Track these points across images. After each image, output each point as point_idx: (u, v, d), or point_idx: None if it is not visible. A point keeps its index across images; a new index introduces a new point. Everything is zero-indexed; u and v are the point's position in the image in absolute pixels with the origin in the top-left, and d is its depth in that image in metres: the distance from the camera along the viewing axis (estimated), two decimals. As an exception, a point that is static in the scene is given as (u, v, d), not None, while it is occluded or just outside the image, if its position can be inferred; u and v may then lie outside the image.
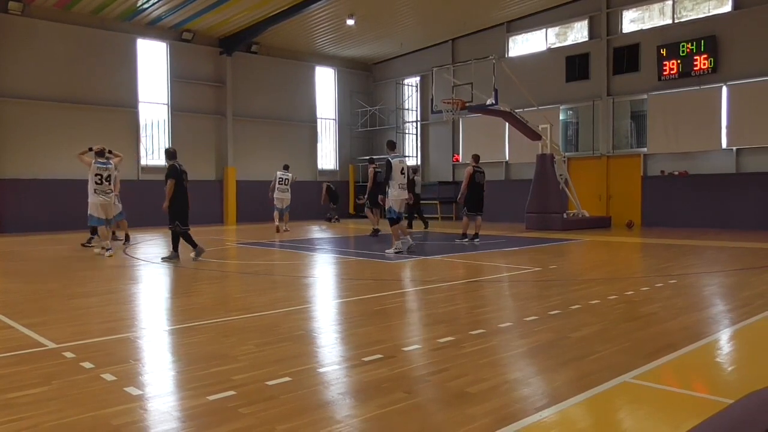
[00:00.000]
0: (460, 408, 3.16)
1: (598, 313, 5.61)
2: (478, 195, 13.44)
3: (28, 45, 18.18)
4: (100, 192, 11.15)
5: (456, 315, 5.78)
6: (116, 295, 7.10)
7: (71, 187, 18.93)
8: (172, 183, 10.02)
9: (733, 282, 7.59)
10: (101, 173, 11.19)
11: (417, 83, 25.45)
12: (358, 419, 3.04)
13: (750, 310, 5.68)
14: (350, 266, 9.92)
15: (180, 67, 21.39)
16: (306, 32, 22.33)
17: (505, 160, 22.09)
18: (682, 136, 17.76)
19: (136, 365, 4.09)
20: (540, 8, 20.68)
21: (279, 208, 17.32)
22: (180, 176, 10.15)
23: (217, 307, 6.24)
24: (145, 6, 18.78)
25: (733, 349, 4.61)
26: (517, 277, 8.28)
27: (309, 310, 6.24)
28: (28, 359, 4.19)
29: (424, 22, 21.75)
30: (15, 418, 3.05)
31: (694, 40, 17.33)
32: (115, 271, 9.25)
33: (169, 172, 10.10)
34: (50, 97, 18.62)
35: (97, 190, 11.14)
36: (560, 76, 20.45)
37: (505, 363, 4.07)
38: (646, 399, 3.38)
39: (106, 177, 11.25)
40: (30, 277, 8.69)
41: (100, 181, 11.17)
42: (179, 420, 3.05)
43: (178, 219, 10.12)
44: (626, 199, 19.06)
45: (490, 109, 16.68)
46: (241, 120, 22.76)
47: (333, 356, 4.33)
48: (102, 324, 5.40)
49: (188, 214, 10.31)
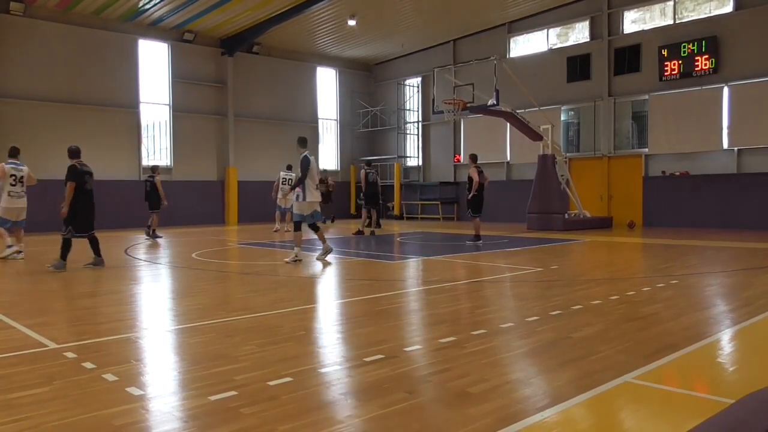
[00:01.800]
0: (462, 408, 3.16)
1: (599, 313, 5.61)
2: (482, 195, 13.44)
3: (29, 45, 18.21)
4: (14, 194, 10.55)
5: (457, 315, 5.78)
6: (117, 295, 7.10)
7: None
8: (71, 186, 9.03)
9: (734, 282, 7.58)
10: (15, 174, 10.58)
11: (418, 84, 25.46)
12: (360, 419, 3.04)
13: (751, 311, 5.67)
14: (351, 266, 9.92)
15: (181, 67, 21.41)
16: (307, 33, 22.34)
17: (507, 160, 22.09)
18: (683, 137, 17.75)
19: (138, 365, 4.10)
20: (541, 9, 20.68)
21: (282, 208, 17.34)
22: (82, 178, 9.14)
23: (219, 308, 6.24)
24: (147, 7, 18.80)
25: (735, 350, 4.61)
26: (518, 277, 8.28)
27: (310, 311, 6.24)
28: (29, 359, 4.19)
29: (425, 23, 21.75)
30: (16, 418, 3.05)
31: (696, 40, 17.33)
32: (116, 271, 9.25)
33: (68, 174, 9.12)
34: (51, 98, 18.64)
35: (11, 192, 10.51)
36: (561, 76, 20.45)
37: (507, 363, 4.07)
38: (648, 399, 3.38)
39: (20, 178, 10.63)
40: (31, 277, 8.69)
41: (15, 182, 10.56)
42: (181, 420, 3.05)
43: (73, 224, 9.13)
44: (627, 199, 19.05)
45: (491, 109, 16.69)
46: (243, 120, 22.78)
47: (334, 356, 4.33)
48: (103, 324, 5.40)
49: (92, 220, 9.36)
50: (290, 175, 17.67)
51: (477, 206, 13.41)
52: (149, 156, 20.96)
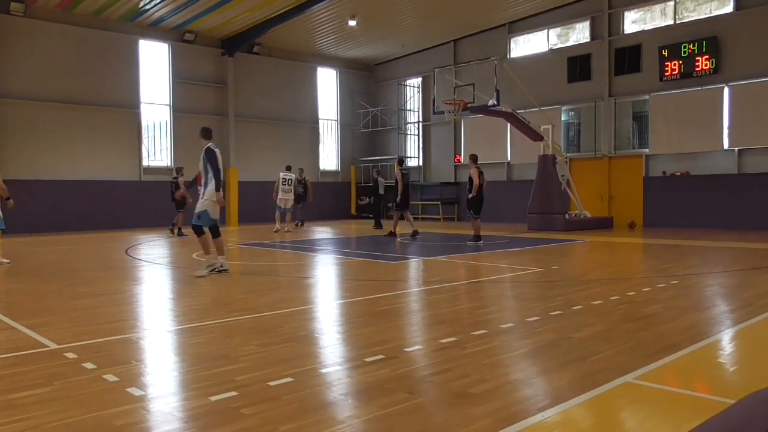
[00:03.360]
0: (462, 408, 3.16)
1: (600, 313, 5.61)
2: (482, 196, 13.45)
3: (30, 46, 18.21)
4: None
5: (458, 315, 5.78)
6: (118, 295, 7.10)
7: (72, 188, 19.00)
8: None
9: (734, 282, 7.58)
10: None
11: (419, 84, 25.46)
12: (361, 420, 3.04)
13: (752, 311, 5.67)
14: (352, 267, 9.92)
15: (182, 68, 21.42)
16: (308, 33, 22.34)
17: (507, 160, 22.09)
18: (683, 137, 17.75)
19: (138, 366, 4.10)
20: (542, 9, 20.68)
21: (282, 208, 17.36)
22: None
23: (220, 308, 6.24)
24: (147, 7, 18.81)
25: (735, 350, 4.61)
26: (519, 277, 8.28)
27: (311, 311, 6.24)
28: (30, 360, 4.19)
29: (425, 23, 21.76)
30: (17, 418, 3.05)
31: (696, 40, 17.32)
32: (117, 272, 9.26)
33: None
34: (52, 98, 18.65)
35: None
36: (562, 76, 20.45)
37: (508, 363, 4.07)
38: (648, 399, 3.38)
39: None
40: (31, 278, 8.70)
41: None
42: (181, 421, 3.05)
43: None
44: (628, 199, 19.05)
45: (491, 109, 16.69)
46: (243, 121, 22.78)
47: (335, 357, 4.33)
48: (104, 325, 5.40)
49: None
50: (290, 175, 17.69)
51: (478, 207, 13.43)
52: (149, 156, 20.96)
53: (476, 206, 13.41)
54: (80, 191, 19.06)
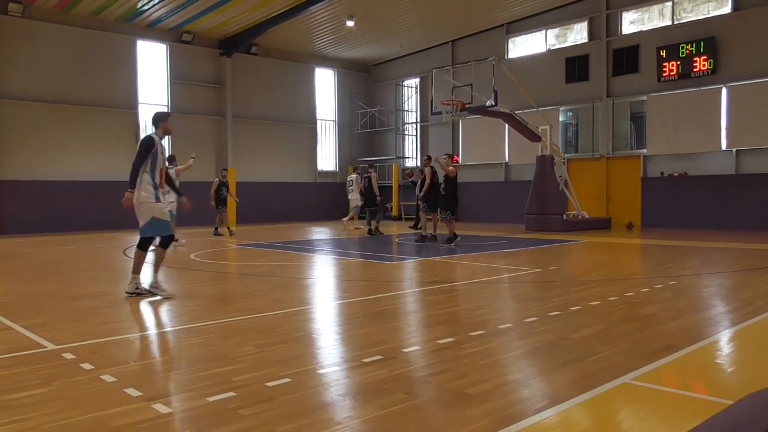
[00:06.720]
0: (461, 409, 3.16)
1: (598, 314, 5.61)
2: (455, 195, 13.33)
3: (28, 46, 18.18)
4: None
5: (456, 316, 5.78)
6: (116, 296, 7.09)
7: (71, 189, 18.97)
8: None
9: (733, 283, 7.59)
10: None
11: (417, 84, 25.47)
12: (358, 420, 3.04)
13: (750, 311, 5.68)
14: (350, 268, 9.92)
15: (180, 68, 21.40)
16: (306, 33, 22.34)
17: (505, 161, 22.10)
18: (681, 138, 17.77)
19: (136, 366, 4.09)
20: (540, 10, 20.70)
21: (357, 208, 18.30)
22: None
23: (217, 309, 6.23)
24: (145, 8, 18.79)
25: (734, 351, 4.61)
26: (517, 278, 8.28)
27: (309, 312, 6.23)
28: (27, 360, 4.18)
29: (423, 24, 21.76)
30: (15, 419, 3.05)
31: (694, 41, 17.35)
32: (114, 272, 9.25)
33: None
34: (50, 99, 18.62)
35: None
36: (560, 77, 20.46)
37: (506, 364, 4.07)
38: (646, 400, 3.38)
39: None
40: (29, 278, 8.68)
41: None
42: (179, 421, 3.04)
43: None
44: (626, 200, 19.07)
45: (489, 110, 16.69)
46: (241, 121, 22.76)
47: (333, 357, 4.33)
48: (102, 325, 5.39)
49: None
50: (351, 176, 17.89)
51: (453, 206, 13.01)
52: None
53: (451, 206, 13.08)
54: (78, 191, 19.03)
